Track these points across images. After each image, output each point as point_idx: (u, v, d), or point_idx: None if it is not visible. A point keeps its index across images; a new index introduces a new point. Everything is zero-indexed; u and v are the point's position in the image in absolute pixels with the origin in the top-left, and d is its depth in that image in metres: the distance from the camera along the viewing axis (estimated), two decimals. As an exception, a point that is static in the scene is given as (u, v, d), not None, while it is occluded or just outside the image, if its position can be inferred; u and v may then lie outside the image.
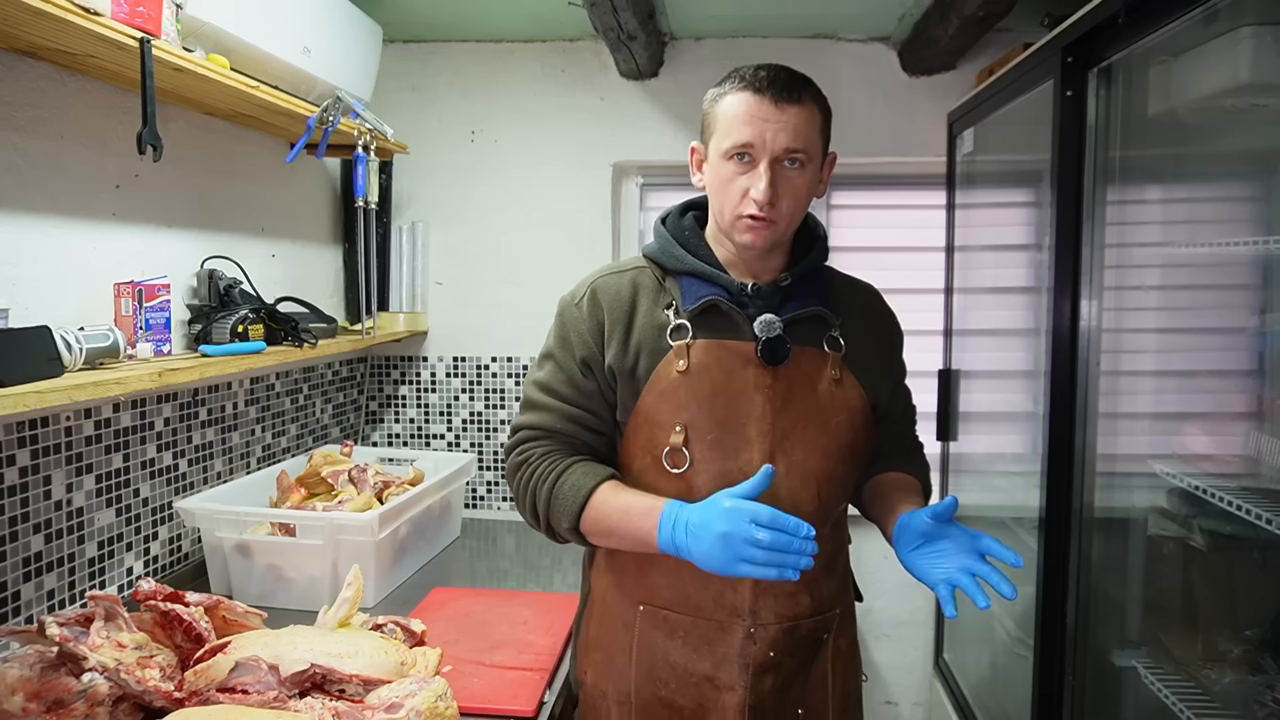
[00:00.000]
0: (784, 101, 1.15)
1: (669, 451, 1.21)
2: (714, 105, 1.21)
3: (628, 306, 1.26)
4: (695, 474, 1.21)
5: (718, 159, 1.19)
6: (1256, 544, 1.50)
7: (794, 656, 1.27)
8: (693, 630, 1.25)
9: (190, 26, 1.59)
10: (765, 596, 1.23)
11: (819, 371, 1.24)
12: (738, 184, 1.17)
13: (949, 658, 2.51)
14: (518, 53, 2.65)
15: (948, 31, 2.16)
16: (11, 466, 1.46)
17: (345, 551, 1.74)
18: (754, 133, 1.14)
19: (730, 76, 1.20)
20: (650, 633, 1.27)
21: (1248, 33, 1.32)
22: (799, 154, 1.16)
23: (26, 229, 1.48)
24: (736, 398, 1.20)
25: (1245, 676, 1.47)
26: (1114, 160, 1.64)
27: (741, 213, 1.17)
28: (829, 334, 1.26)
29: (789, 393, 1.22)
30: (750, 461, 1.20)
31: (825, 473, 1.24)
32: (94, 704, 1.16)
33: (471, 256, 2.71)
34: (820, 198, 1.27)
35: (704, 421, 1.20)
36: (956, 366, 2.42)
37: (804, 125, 1.16)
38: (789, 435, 1.21)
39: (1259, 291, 1.57)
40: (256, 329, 1.86)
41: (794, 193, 1.17)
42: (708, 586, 1.23)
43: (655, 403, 1.22)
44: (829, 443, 1.24)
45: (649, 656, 1.27)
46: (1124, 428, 1.71)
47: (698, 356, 1.21)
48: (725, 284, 1.23)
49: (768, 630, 1.23)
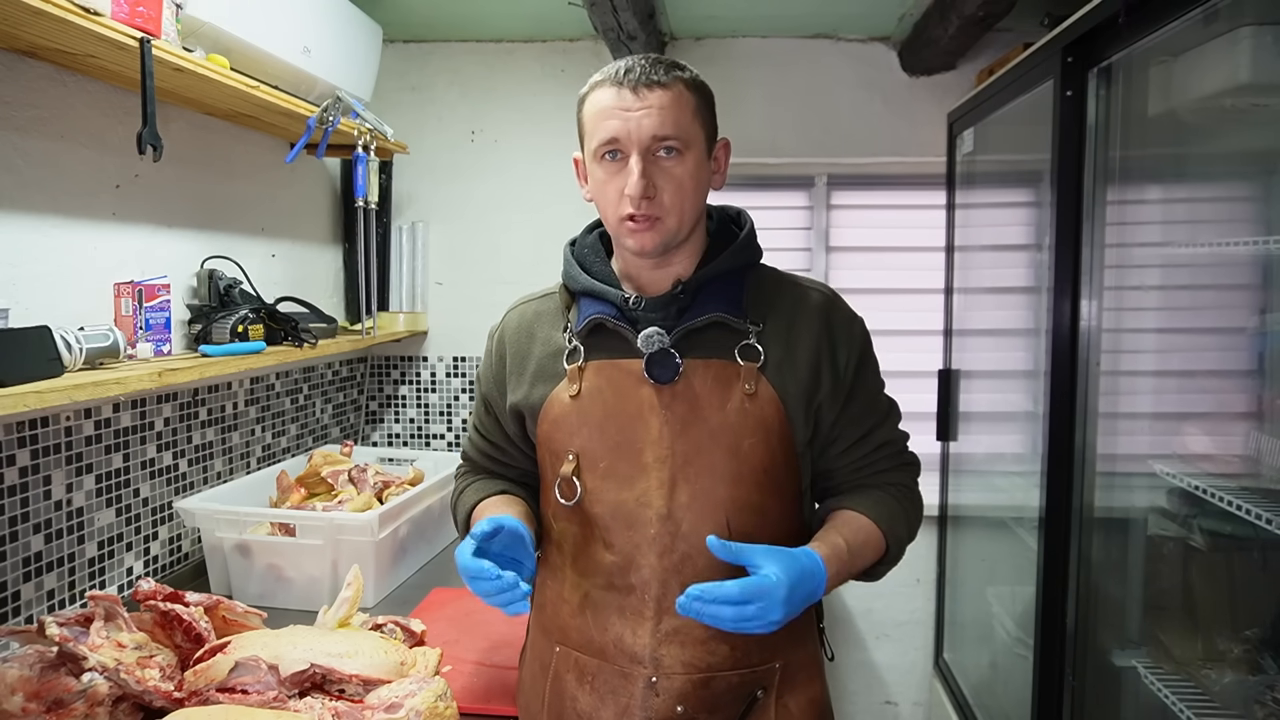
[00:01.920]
0: (645, 88, 1.05)
1: (560, 482, 1.11)
2: (581, 108, 1.13)
3: (526, 337, 1.19)
4: (589, 506, 1.11)
5: (592, 163, 1.11)
6: (1256, 544, 1.50)
7: (715, 714, 1.11)
8: (599, 675, 1.12)
9: (190, 26, 1.59)
10: (669, 643, 1.09)
11: (728, 387, 1.09)
12: (613, 185, 1.07)
13: (949, 658, 2.51)
14: (517, 53, 2.65)
15: (948, 31, 2.16)
16: (11, 466, 1.46)
17: (345, 551, 1.74)
18: (619, 125, 1.05)
19: (595, 75, 1.12)
20: (563, 677, 1.16)
21: (1247, 33, 1.32)
22: (670, 141, 1.05)
23: (26, 229, 1.48)
24: (631, 421, 1.09)
25: (1245, 676, 1.47)
26: (1114, 160, 1.64)
27: (621, 214, 1.07)
28: (742, 343, 1.10)
29: (689, 413, 1.08)
30: (647, 491, 1.08)
31: (736, 501, 1.09)
32: (94, 704, 1.16)
33: (471, 256, 2.72)
34: (718, 189, 1.14)
35: (596, 448, 1.10)
36: (956, 366, 2.42)
37: (672, 109, 1.05)
38: (691, 460, 1.08)
39: (1259, 291, 1.57)
40: (256, 329, 1.86)
41: (675, 184, 1.06)
42: (607, 629, 1.11)
43: (549, 431, 1.14)
44: (739, 467, 1.08)
45: (559, 703, 1.16)
46: (1124, 427, 1.71)
47: (589, 379, 1.11)
48: (612, 299, 1.12)
49: (673, 681, 1.09)
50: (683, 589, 1.00)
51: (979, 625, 2.35)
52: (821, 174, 2.71)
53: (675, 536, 1.08)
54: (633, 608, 1.10)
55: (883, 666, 2.75)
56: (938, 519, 2.55)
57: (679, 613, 0.97)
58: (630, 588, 1.10)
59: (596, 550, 1.12)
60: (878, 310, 2.75)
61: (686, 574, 1.07)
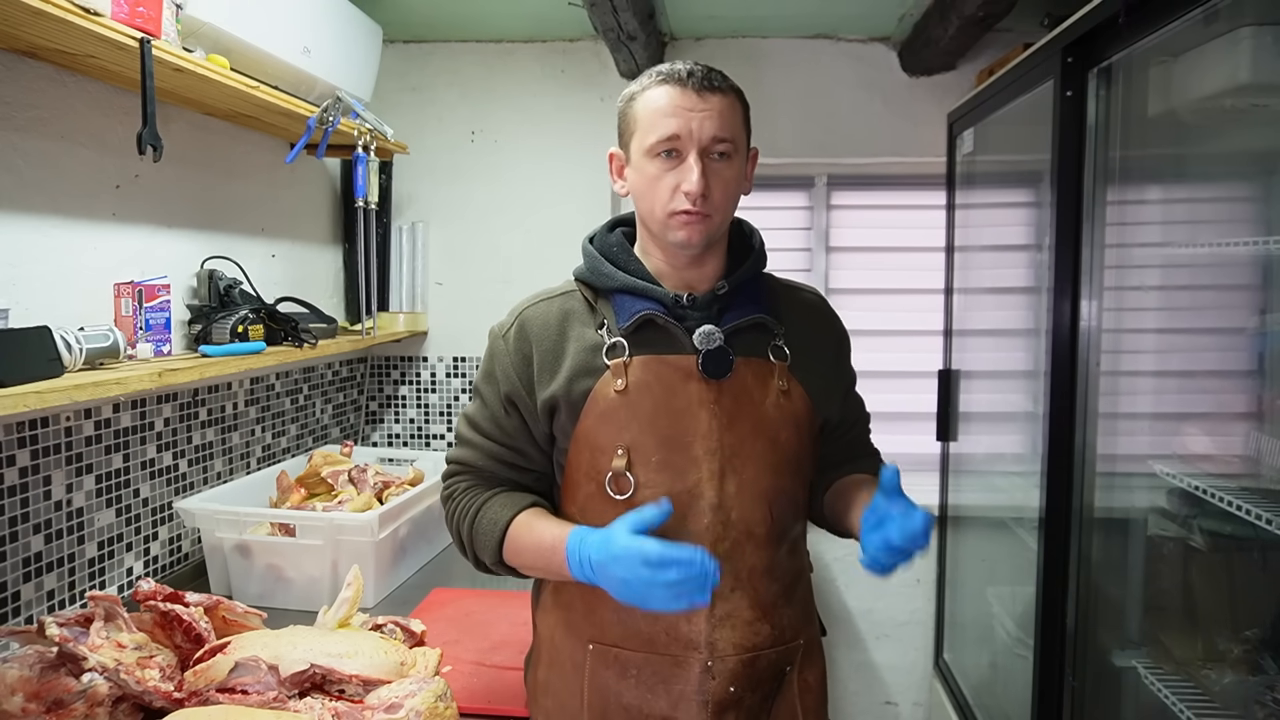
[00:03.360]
0: (707, 91, 1.10)
1: (612, 477, 1.14)
2: (631, 104, 1.16)
3: (557, 334, 1.19)
4: (641, 498, 1.13)
5: (641, 158, 1.14)
6: (1256, 544, 1.50)
7: (756, 692, 1.18)
8: (645, 667, 1.16)
9: (190, 26, 1.59)
10: (722, 627, 1.14)
11: (765, 383, 1.17)
12: (666, 181, 1.11)
13: (949, 658, 2.51)
14: (517, 53, 2.65)
15: (948, 31, 2.16)
16: (11, 466, 1.46)
17: (345, 552, 1.74)
18: (680, 124, 1.09)
19: (645, 74, 1.16)
20: (601, 673, 1.18)
21: (1248, 33, 1.32)
22: (726, 143, 1.11)
23: (26, 229, 1.48)
24: (680, 415, 1.14)
25: (1245, 676, 1.47)
26: (1114, 160, 1.64)
27: (674, 209, 1.11)
28: (773, 343, 1.19)
29: (735, 407, 1.15)
30: (699, 482, 1.13)
31: (777, 489, 1.17)
32: (94, 704, 1.16)
33: (471, 256, 2.72)
34: (746, 195, 1.21)
35: (647, 442, 1.13)
36: (956, 366, 2.42)
37: (729, 114, 1.12)
38: (738, 452, 1.14)
39: (1259, 291, 1.57)
40: (256, 329, 1.86)
41: (725, 185, 1.13)
42: (659, 619, 1.14)
43: (594, 426, 1.15)
44: (778, 458, 1.17)
45: (601, 699, 1.18)
46: (1124, 428, 1.71)
47: (636, 374, 1.14)
48: (659, 297, 1.16)
49: (727, 663, 1.14)
50: (733, 575, 1.13)
51: (979, 625, 2.35)
52: (821, 174, 2.71)
53: (726, 525, 1.13)
54: None
55: (883, 667, 2.75)
56: (938, 519, 2.55)
57: (870, 570, 1.05)
58: None
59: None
60: (878, 310, 2.78)
61: (736, 560, 1.14)
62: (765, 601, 1.16)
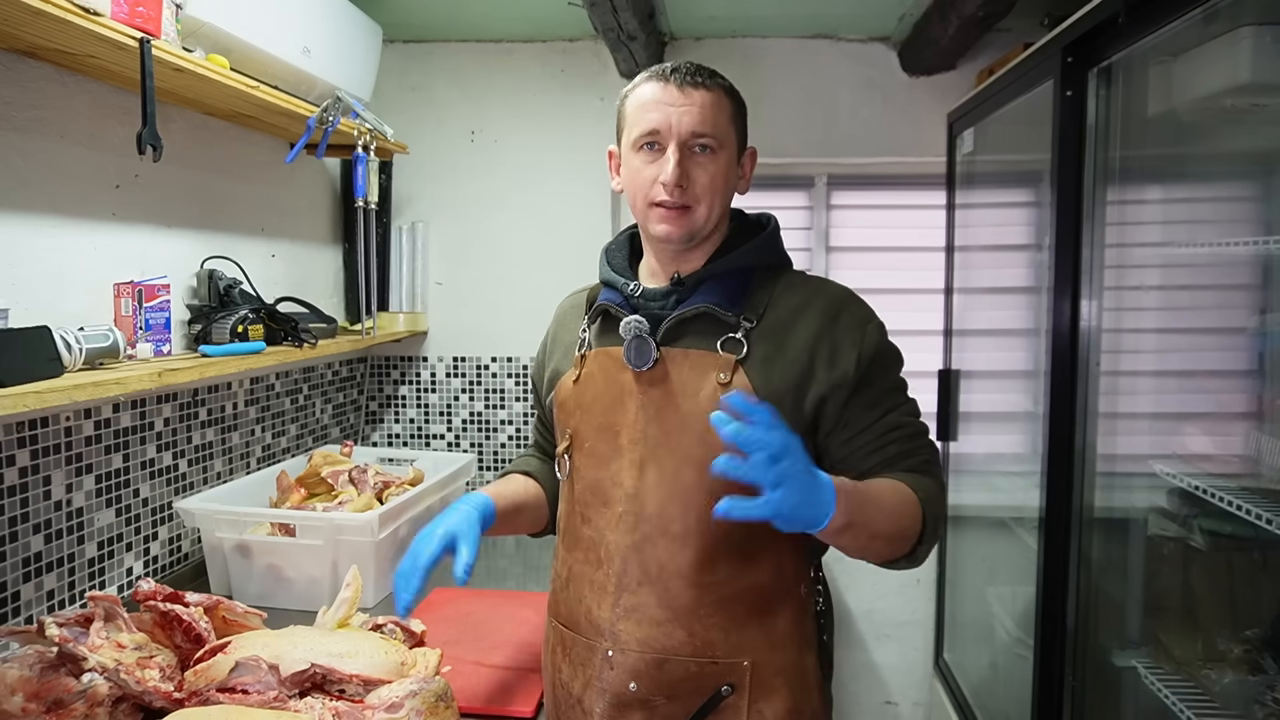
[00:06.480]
0: (689, 86, 1.12)
1: (557, 460, 1.23)
2: (624, 102, 1.19)
3: (560, 326, 1.32)
4: (575, 482, 1.20)
5: (629, 152, 1.16)
6: (1256, 544, 1.50)
7: (672, 701, 1.11)
8: (572, 647, 1.20)
9: (190, 26, 1.59)
10: (627, 619, 1.13)
11: (703, 376, 1.11)
12: (647, 173, 1.13)
13: (949, 658, 2.51)
14: (517, 53, 2.65)
15: (948, 31, 2.16)
16: (11, 466, 1.46)
17: (345, 552, 1.74)
18: (660, 118, 1.11)
19: (640, 73, 1.19)
20: (555, 649, 1.24)
21: (1247, 33, 1.32)
22: (706, 138, 1.11)
23: (26, 229, 1.48)
24: (613, 405, 1.16)
25: (1245, 676, 1.47)
26: (1114, 160, 1.64)
27: (652, 199, 1.13)
28: (728, 335, 1.13)
29: (664, 399, 1.13)
30: (620, 471, 1.14)
31: (703, 487, 1.08)
32: (94, 704, 1.16)
33: (471, 256, 2.72)
34: (742, 194, 1.22)
35: (585, 429, 1.19)
36: (956, 366, 2.42)
37: (711, 110, 1.12)
38: (661, 444, 1.12)
39: (1259, 291, 1.57)
40: (256, 329, 1.86)
41: (706, 178, 1.12)
42: (580, 601, 1.18)
43: (556, 414, 1.25)
44: (706, 455, 1.00)
45: (551, 674, 1.25)
46: (1124, 428, 1.71)
47: (589, 365, 1.20)
48: (620, 288, 1.20)
49: (627, 657, 1.12)
50: (641, 569, 1.11)
51: (979, 625, 2.35)
52: (821, 174, 2.71)
53: (639, 516, 1.13)
54: (599, 582, 1.16)
55: (883, 667, 2.76)
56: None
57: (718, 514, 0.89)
58: (599, 562, 1.16)
59: (577, 525, 1.19)
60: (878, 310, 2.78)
61: (646, 553, 1.12)
62: (681, 605, 1.11)
